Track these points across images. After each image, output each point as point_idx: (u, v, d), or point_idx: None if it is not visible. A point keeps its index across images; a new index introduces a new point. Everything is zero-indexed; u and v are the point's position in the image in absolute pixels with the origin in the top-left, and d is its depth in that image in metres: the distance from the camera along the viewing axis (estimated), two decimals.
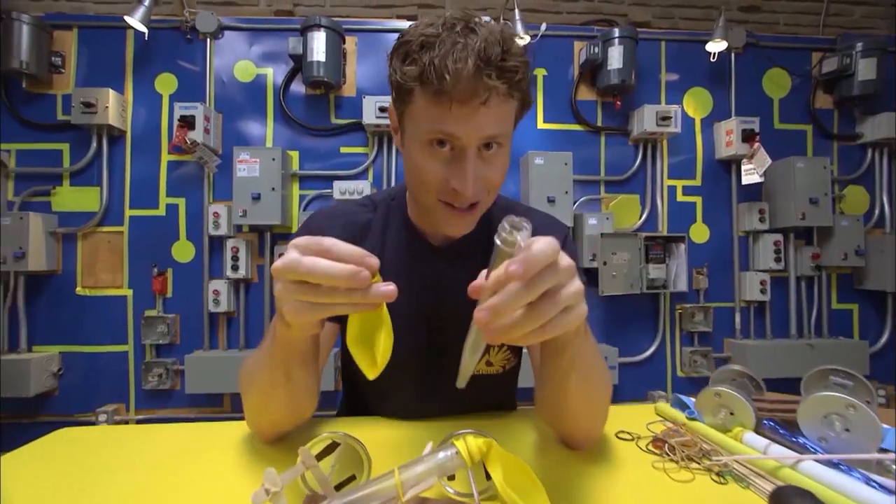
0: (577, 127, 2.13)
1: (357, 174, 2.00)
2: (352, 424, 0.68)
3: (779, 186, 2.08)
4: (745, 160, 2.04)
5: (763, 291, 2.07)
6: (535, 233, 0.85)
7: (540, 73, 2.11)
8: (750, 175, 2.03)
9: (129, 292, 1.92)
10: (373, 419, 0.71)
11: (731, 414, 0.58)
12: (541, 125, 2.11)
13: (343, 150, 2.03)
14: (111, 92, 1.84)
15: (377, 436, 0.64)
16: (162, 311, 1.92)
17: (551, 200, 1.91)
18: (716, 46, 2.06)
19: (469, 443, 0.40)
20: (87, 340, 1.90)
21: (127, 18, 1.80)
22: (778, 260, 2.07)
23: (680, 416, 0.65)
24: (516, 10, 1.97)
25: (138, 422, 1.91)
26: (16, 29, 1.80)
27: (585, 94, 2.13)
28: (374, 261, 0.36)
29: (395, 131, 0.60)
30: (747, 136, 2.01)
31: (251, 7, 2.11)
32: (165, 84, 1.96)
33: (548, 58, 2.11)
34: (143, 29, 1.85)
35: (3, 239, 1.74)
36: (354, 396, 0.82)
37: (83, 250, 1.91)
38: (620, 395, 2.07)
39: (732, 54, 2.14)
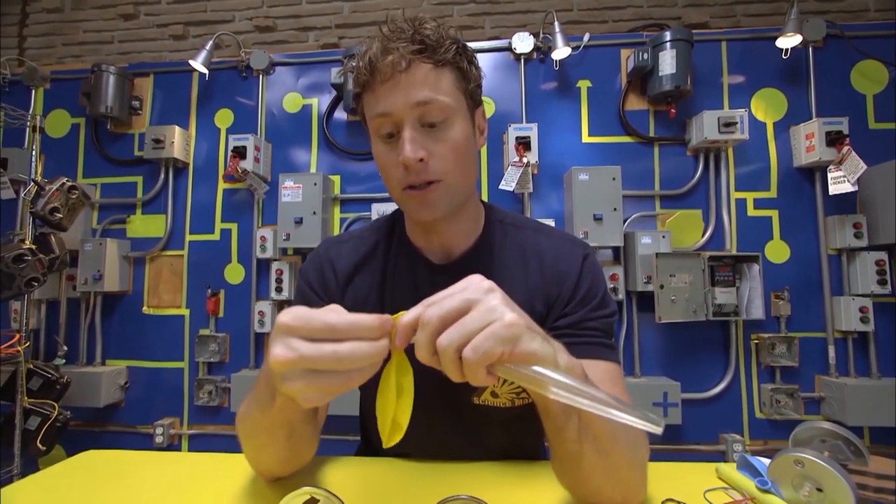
0: (626, 139, 1.98)
1: None
2: (342, 468, 0.63)
3: (879, 196, 1.76)
4: (832, 167, 1.76)
5: (864, 320, 1.74)
6: (549, 252, 0.75)
7: (584, 84, 2.00)
8: (839, 183, 1.74)
9: (187, 312, 2.05)
10: (367, 461, 0.67)
11: (819, 490, 0.45)
12: (586, 139, 1.99)
13: None
14: (177, 128, 2.02)
15: (365, 483, 0.59)
16: (214, 330, 2.02)
17: (598, 218, 1.78)
18: (788, 42, 1.83)
19: None
20: (151, 356, 2.05)
21: (191, 62, 1.99)
22: (882, 282, 1.73)
23: (748, 484, 0.52)
24: (556, 24, 1.90)
25: (190, 436, 2.00)
26: (104, 79, 2.06)
27: (635, 103, 1.98)
28: (388, 326, 0.37)
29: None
30: (834, 139, 1.74)
31: (301, 43, 2.25)
32: (223, 119, 2.13)
33: (591, 69, 2.00)
34: (205, 70, 2.03)
35: (84, 262, 1.95)
36: (365, 429, 0.79)
37: (149, 273, 2.08)
38: (685, 437, 1.82)
39: (810, 49, 1.89)
